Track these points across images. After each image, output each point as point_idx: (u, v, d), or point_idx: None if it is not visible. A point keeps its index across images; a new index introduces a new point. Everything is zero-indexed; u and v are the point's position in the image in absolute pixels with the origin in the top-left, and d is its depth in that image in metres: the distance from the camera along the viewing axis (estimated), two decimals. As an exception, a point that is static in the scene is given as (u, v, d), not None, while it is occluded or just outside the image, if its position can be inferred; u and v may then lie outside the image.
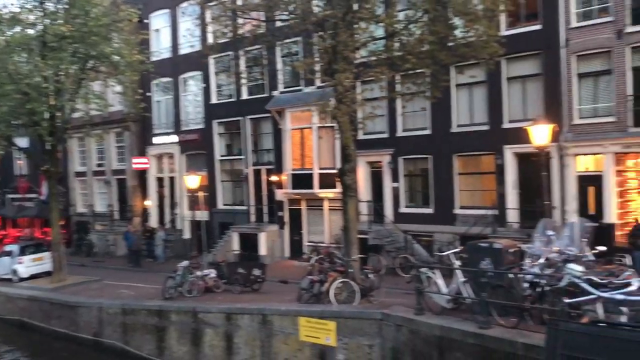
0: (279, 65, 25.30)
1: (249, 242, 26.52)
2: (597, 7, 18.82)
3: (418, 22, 15.90)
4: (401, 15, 17.39)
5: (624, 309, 4.97)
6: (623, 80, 18.12)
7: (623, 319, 4.92)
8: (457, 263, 12.22)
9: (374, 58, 16.66)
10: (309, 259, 19.31)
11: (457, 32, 16.05)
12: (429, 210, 22.70)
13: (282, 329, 14.24)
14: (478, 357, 10.03)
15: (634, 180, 18.71)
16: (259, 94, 27.27)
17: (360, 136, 22.85)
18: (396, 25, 16.09)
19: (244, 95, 27.87)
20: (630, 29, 17.91)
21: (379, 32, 17.38)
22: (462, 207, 21.77)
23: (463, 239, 18.70)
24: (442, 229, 21.60)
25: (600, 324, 4.24)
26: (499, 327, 10.11)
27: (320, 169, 24.70)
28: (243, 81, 24.41)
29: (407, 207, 23.56)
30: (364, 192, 23.97)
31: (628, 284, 5.78)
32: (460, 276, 11.46)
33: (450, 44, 16.08)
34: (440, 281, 12.00)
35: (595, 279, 6.51)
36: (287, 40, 21.48)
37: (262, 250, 25.96)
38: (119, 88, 22.49)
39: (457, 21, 16.01)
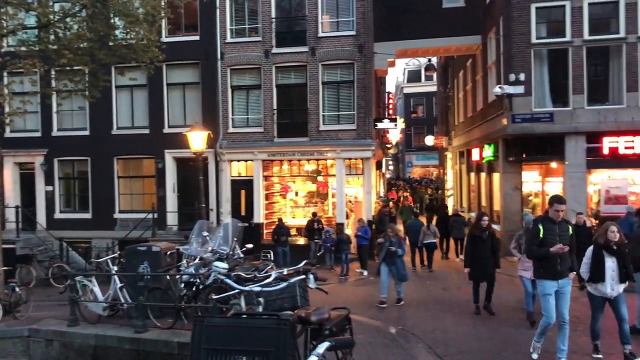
0: None
1: None
2: (248, 26, 20.74)
3: (76, 16, 15.05)
4: (57, 7, 16.20)
5: (261, 299, 5.61)
6: (270, 95, 20.37)
7: (260, 308, 5.55)
8: (115, 268, 11.95)
9: (24, 48, 15.11)
10: None
11: (118, 33, 15.73)
12: (87, 215, 21.68)
13: None
14: (135, 361, 9.99)
15: (278, 185, 21.22)
16: None
17: (8, 133, 20.67)
18: (51, 16, 14.92)
19: None
20: (275, 50, 20.26)
21: (31, 21, 15.87)
22: (122, 211, 21.43)
23: (123, 243, 18.37)
24: (102, 234, 20.89)
25: (243, 316, 4.68)
26: (155, 329, 10.22)
27: (-46, 169, 21.24)
28: None
29: (62, 212, 22.12)
30: (12, 197, 21.63)
31: (268, 277, 6.50)
32: (117, 282, 11.22)
33: (111, 43, 15.68)
34: (97, 289, 11.53)
35: (242, 274, 7.13)
36: None
37: None
38: None
39: (118, 21, 15.69)
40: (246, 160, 20.76)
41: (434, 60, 28.86)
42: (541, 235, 7.56)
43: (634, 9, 16.48)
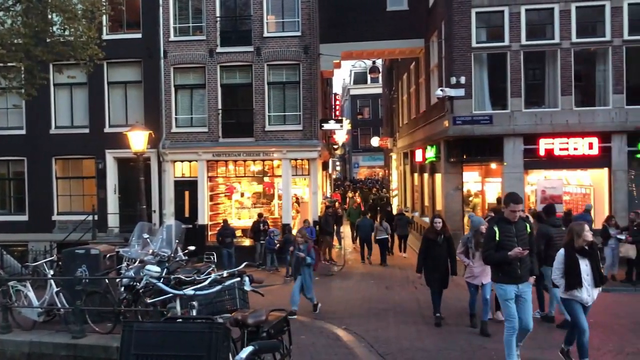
0: None
1: None
2: (192, 25, 20.45)
3: (9, 10, 14.51)
4: (-10, 0, 15.57)
5: (194, 303, 5.53)
6: (215, 95, 20.14)
7: (194, 312, 5.47)
8: (51, 272, 11.58)
9: (-48, 43, 14.45)
10: None
11: (55, 29, 15.25)
12: (23, 218, 20.91)
13: None
14: (72, 368, 9.70)
15: (223, 186, 21.01)
16: None
17: None
18: (-17, 10, 14.34)
19: None
20: (220, 49, 20.06)
21: (-39, 14, 15.16)
22: (61, 213, 20.76)
23: (62, 246, 17.75)
24: (39, 237, 20.14)
25: (178, 320, 4.61)
26: (94, 334, 9.96)
27: None
28: None
29: (-4, 214, 21.20)
30: (-60, 198, 20.58)
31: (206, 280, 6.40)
32: (53, 286, 10.87)
33: (48, 40, 15.17)
34: (31, 294, 11.12)
35: (182, 277, 7.00)
36: None
37: None
38: None
39: (55, 17, 15.21)
40: (190, 161, 20.46)
41: (379, 62, 29.19)
42: (497, 238, 6.93)
43: (568, 16, 17.15)
